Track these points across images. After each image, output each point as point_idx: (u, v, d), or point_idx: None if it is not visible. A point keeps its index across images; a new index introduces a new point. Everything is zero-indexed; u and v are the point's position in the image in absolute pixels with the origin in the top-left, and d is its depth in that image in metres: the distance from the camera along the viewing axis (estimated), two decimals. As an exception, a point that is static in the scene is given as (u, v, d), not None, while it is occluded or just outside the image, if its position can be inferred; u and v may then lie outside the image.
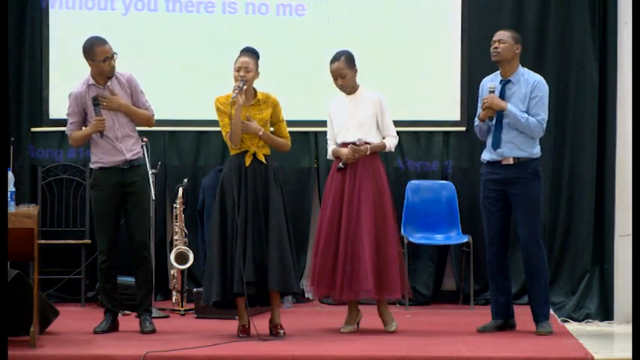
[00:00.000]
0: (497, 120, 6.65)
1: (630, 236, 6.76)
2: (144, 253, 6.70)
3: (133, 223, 6.65)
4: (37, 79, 8.21)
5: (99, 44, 6.55)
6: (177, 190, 7.79)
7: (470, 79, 7.99)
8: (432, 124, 8.23)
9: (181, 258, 7.63)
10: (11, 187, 6.20)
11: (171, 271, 7.73)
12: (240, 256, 6.31)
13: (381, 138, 6.77)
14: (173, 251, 7.66)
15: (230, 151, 6.58)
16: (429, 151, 8.22)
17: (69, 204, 8.18)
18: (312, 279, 6.76)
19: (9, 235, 5.81)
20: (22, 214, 6.16)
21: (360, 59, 6.83)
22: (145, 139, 6.94)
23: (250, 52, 6.48)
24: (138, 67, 7.11)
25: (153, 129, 7.18)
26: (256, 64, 6.47)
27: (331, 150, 6.82)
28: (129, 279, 7.09)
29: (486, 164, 6.74)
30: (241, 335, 6.47)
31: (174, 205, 7.80)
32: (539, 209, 6.68)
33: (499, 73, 6.71)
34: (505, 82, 6.66)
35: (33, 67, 8.20)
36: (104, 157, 6.63)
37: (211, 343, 6.16)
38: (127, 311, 7.21)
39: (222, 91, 6.55)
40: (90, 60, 6.58)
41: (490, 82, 6.70)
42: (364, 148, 6.66)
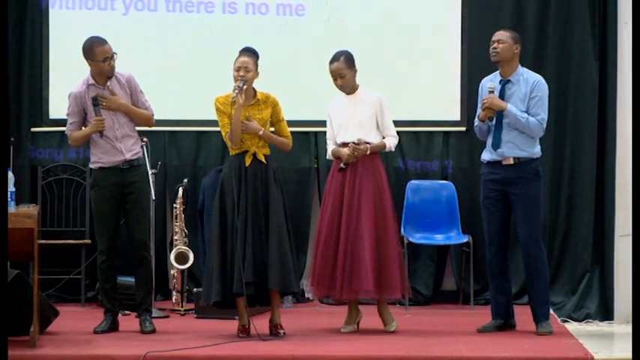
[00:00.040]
0: (497, 120, 6.65)
1: (630, 236, 6.76)
2: (144, 253, 6.70)
3: (132, 223, 6.65)
4: (37, 79, 8.21)
5: (99, 44, 6.55)
6: (177, 190, 7.79)
7: (470, 79, 7.99)
8: (432, 124, 8.23)
9: (181, 258, 7.63)
10: (11, 187, 6.20)
11: (172, 271, 7.73)
12: (240, 257, 6.31)
13: (381, 138, 6.77)
14: (173, 251, 7.66)
15: (230, 151, 6.58)
16: (429, 151, 8.22)
17: (69, 204, 8.17)
18: (312, 279, 6.76)
19: (9, 235, 5.81)
20: (22, 214, 6.16)
21: (360, 59, 6.82)
22: (145, 139, 6.94)
23: (250, 52, 6.48)
24: (138, 67, 7.11)
25: (153, 129, 7.18)
26: (256, 63, 6.47)
27: (331, 150, 6.82)
28: (129, 279, 7.09)
29: (486, 164, 6.74)
30: (241, 335, 6.47)
31: (174, 205, 7.80)
32: (539, 209, 6.68)
33: (498, 73, 6.71)
34: (505, 82, 6.66)
35: (33, 67, 8.20)
36: (104, 157, 6.63)
37: (211, 343, 6.16)
38: (127, 311, 7.21)
39: (222, 91, 6.55)
40: (90, 60, 6.58)
41: (490, 83, 6.70)
42: (364, 147, 6.65)
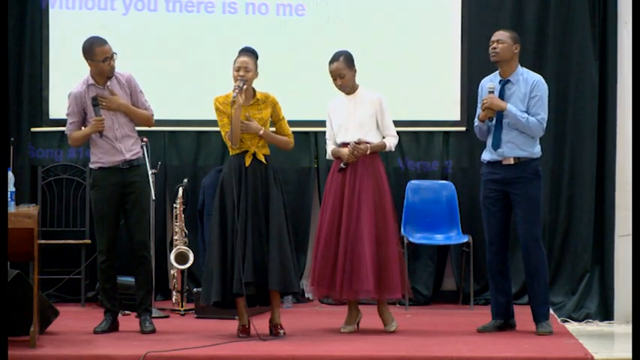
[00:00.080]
0: (497, 120, 6.65)
1: (630, 236, 6.76)
2: (144, 253, 6.70)
3: (132, 223, 6.65)
4: (37, 79, 8.20)
5: (98, 44, 6.55)
6: (177, 190, 7.79)
7: (470, 79, 7.98)
8: (432, 124, 8.22)
9: (181, 258, 7.63)
10: (11, 187, 6.20)
11: (172, 271, 7.73)
12: (240, 257, 6.31)
13: (381, 138, 6.77)
14: (173, 251, 7.66)
15: (229, 151, 6.58)
16: (429, 151, 8.22)
17: (69, 204, 8.17)
18: (312, 279, 6.75)
19: (9, 235, 5.81)
20: (22, 214, 6.16)
21: (360, 59, 6.82)
22: (145, 139, 6.93)
23: (249, 52, 6.49)
24: (138, 67, 7.11)
25: (153, 129, 7.19)
26: (255, 63, 6.47)
27: (330, 150, 6.82)
28: (129, 279, 7.09)
29: (487, 164, 6.74)
30: (241, 335, 6.47)
31: (174, 205, 7.80)
32: (539, 209, 6.67)
33: (498, 73, 6.71)
34: (504, 82, 6.66)
35: (33, 67, 8.20)
36: (104, 157, 6.63)
37: (211, 343, 6.16)
38: (127, 311, 7.21)
39: (222, 91, 6.55)
40: (89, 60, 6.58)
41: (489, 83, 6.69)
42: (364, 147, 6.65)
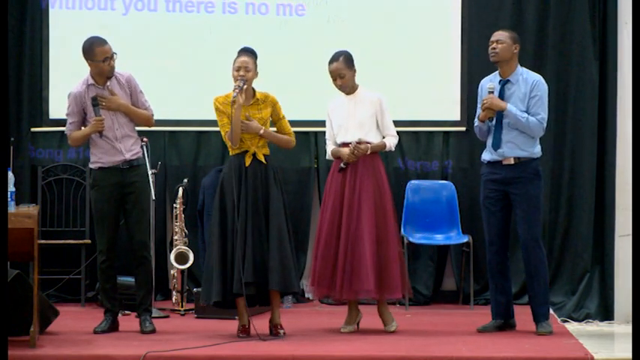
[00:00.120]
0: (497, 120, 6.64)
1: (630, 236, 6.76)
2: (144, 253, 6.70)
3: (132, 223, 6.65)
4: (37, 79, 8.21)
5: (98, 44, 6.55)
6: (177, 190, 7.79)
7: (470, 79, 7.98)
8: (432, 124, 8.22)
9: (181, 258, 7.63)
10: (11, 187, 6.20)
11: (172, 271, 7.73)
12: (240, 257, 6.31)
13: (381, 138, 6.77)
14: (173, 251, 7.66)
15: (229, 151, 6.58)
16: (429, 151, 8.22)
17: (69, 204, 8.17)
18: (313, 279, 6.75)
19: (9, 235, 5.81)
20: (22, 214, 6.16)
21: (360, 59, 6.82)
22: (145, 139, 6.93)
23: (249, 52, 6.49)
24: (138, 67, 7.11)
25: (153, 129, 7.19)
26: (255, 63, 6.48)
27: (330, 150, 6.81)
28: (129, 279, 7.09)
29: (487, 164, 6.74)
30: (241, 335, 6.47)
31: (174, 205, 7.80)
32: (539, 209, 6.67)
33: (498, 73, 6.71)
34: (504, 82, 6.66)
35: (33, 67, 8.20)
36: (103, 157, 6.63)
37: (211, 343, 6.16)
38: (127, 311, 7.21)
39: (222, 91, 6.55)
40: (89, 60, 6.58)
41: (489, 83, 6.69)
42: (364, 147, 6.65)
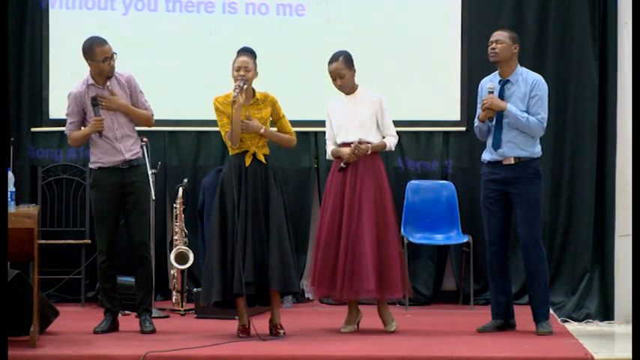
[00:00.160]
0: (497, 120, 6.64)
1: (630, 236, 6.76)
2: (144, 253, 6.70)
3: (132, 223, 6.65)
4: (37, 79, 8.21)
5: (98, 44, 6.55)
6: (177, 190, 7.79)
7: (470, 79, 7.98)
8: (432, 124, 8.22)
9: (181, 258, 7.63)
10: (11, 187, 6.20)
11: (172, 271, 7.73)
12: (240, 257, 6.31)
13: (381, 137, 6.77)
14: (173, 251, 7.66)
15: (229, 151, 6.58)
16: (429, 151, 8.22)
17: (69, 204, 8.17)
18: (313, 279, 6.75)
19: (9, 235, 5.80)
20: (22, 214, 6.15)
21: (360, 59, 6.82)
22: (145, 139, 6.93)
23: (248, 52, 6.49)
24: (138, 67, 7.11)
25: (153, 129, 7.19)
26: (255, 63, 6.48)
27: (330, 150, 6.81)
28: (129, 279, 7.09)
29: (487, 164, 6.74)
30: (241, 335, 6.47)
31: (174, 205, 7.80)
32: (539, 209, 6.67)
33: (498, 73, 6.71)
34: (504, 82, 6.66)
35: (33, 67, 8.20)
36: (103, 157, 6.63)
37: (211, 343, 6.16)
38: (127, 311, 7.21)
39: (222, 91, 6.55)
40: (89, 60, 6.58)
41: (489, 83, 6.69)
42: (365, 146, 6.65)
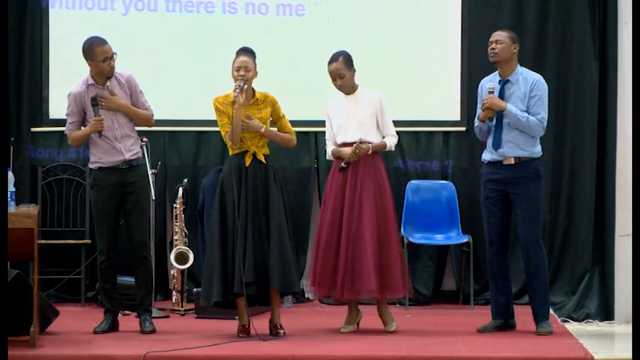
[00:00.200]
0: (497, 120, 6.64)
1: (630, 236, 6.76)
2: (144, 253, 6.70)
3: (132, 223, 6.65)
4: (37, 79, 8.21)
5: (98, 44, 6.55)
6: (177, 190, 7.79)
7: (470, 79, 7.98)
8: (432, 124, 8.22)
9: (181, 258, 7.63)
10: (11, 187, 6.20)
11: (172, 271, 7.73)
12: (241, 257, 6.31)
13: (381, 137, 6.77)
14: (173, 251, 7.66)
15: (229, 151, 6.58)
16: (429, 151, 8.22)
17: (69, 204, 8.17)
18: (313, 279, 6.75)
19: (9, 235, 5.81)
20: (22, 214, 6.16)
21: (360, 59, 6.82)
22: (145, 139, 6.94)
23: (248, 52, 6.50)
24: (138, 67, 7.11)
25: (153, 129, 7.19)
26: (254, 63, 6.48)
27: (330, 150, 6.81)
28: (129, 279, 7.09)
29: (487, 164, 6.74)
30: (241, 335, 6.47)
31: (174, 205, 7.80)
32: (539, 209, 6.67)
33: (498, 73, 6.71)
34: (504, 82, 6.66)
35: (33, 67, 8.20)
36: (103, 157, 6.63)
37: (211, 343, 6.16)
38: (127, 311, 7.21)
39: (222, 91, 6.55)
40: (89, 60, 6.58)
41: (489, 83, 6.69)
42: (366, 146, 6.65)
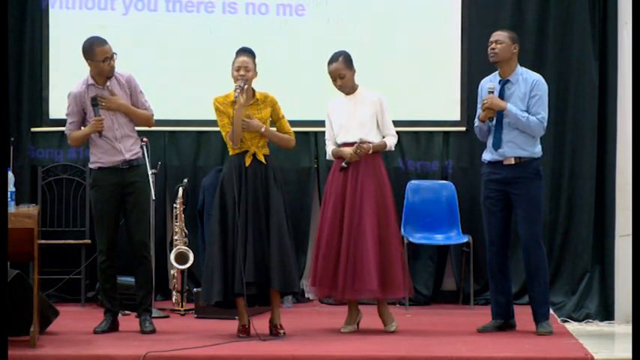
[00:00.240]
0: (497, 120, 6.64)
1: (630, 236, 6.76)
2: (144, 253, 6.70)
3: (132, 223, 6.65)
4: (37, 79, 8.21)
5: (98, 44, 6.55)
6: (177, 190, 7.79)
7: (470, 79, 7.98)
8: (432, 124, 8.22)
9: (181, 258, 7.63)
10: (11, 187, 6.20)
11: (172, 271, 7.73)
12: (241, 257, 6.31)
13: (381, 137, 6.77)
14: (173, 251, 7.66)
15: (229, 151, 6.58)
16: (429, 151, 8.22)
17: (69, 204, 8.17)
18: (314, 279, 6.74)
19: (9, 235, 5.80)
20: (22, 214, 6.15)
21: (360, 59, 6.83)
22: (145, 139, 6.94)
23: (248, 52, 6.50)
24: (138, 67, 7.12)
25: (153, 129, 7.18)
26: (254, 63, 6.48)
27: (331, 150, 6.81)
28: (129, 279, 7.09)
29: (487, 164, 6.74)
30: (241, 335, 6.47)
31: (174, 205, 7.80)
32: (539, 209, 6.67)
33: (498, 73, 6.71)
34: (504, 82, 6.66)
35: (33, 67, 8.20)
36: (103, 157, 6.63)
37: (211, 343, 6.16)
38: (127, 311, 7.21)
39: (222, 91, 6.55)
40: (89, 60, 6.58)
41: (489, 83, 6.69)
42: (367, 146, 6.65)
